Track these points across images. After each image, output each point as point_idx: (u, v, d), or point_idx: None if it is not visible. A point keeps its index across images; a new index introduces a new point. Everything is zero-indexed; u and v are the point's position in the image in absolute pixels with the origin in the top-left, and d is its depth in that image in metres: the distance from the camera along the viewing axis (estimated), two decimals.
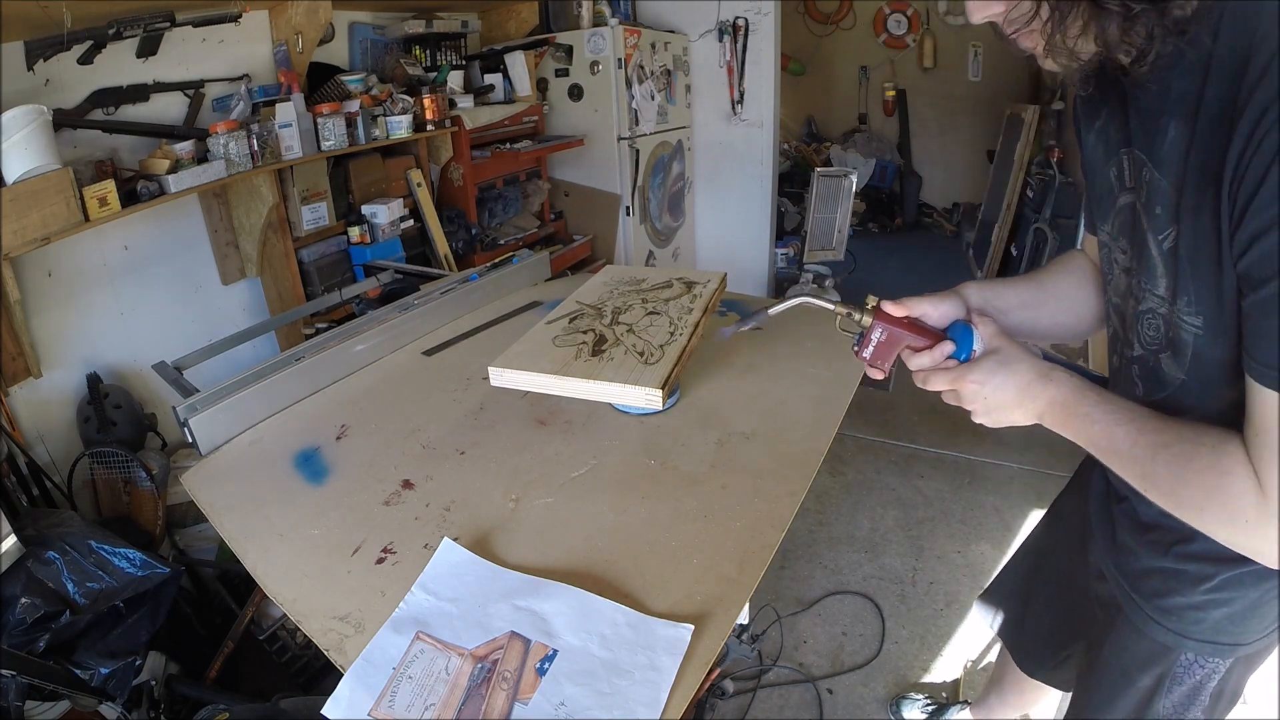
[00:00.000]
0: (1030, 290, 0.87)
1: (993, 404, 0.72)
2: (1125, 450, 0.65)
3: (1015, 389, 0.71)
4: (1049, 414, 0.71)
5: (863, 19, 5.85)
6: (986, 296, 0.82)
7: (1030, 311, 0.86)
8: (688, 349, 1.13)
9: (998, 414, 0.73)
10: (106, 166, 1.72)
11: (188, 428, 1.17)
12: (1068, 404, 0.69)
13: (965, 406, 0.74)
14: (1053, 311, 0.87)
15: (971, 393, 0.73)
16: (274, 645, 1.70)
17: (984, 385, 0.72)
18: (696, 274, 1.42)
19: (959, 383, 0.73)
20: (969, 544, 2.30)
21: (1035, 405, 0.71)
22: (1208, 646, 0.78)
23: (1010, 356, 0.72)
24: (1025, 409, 0.72)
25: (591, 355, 1.12)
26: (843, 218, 3.72)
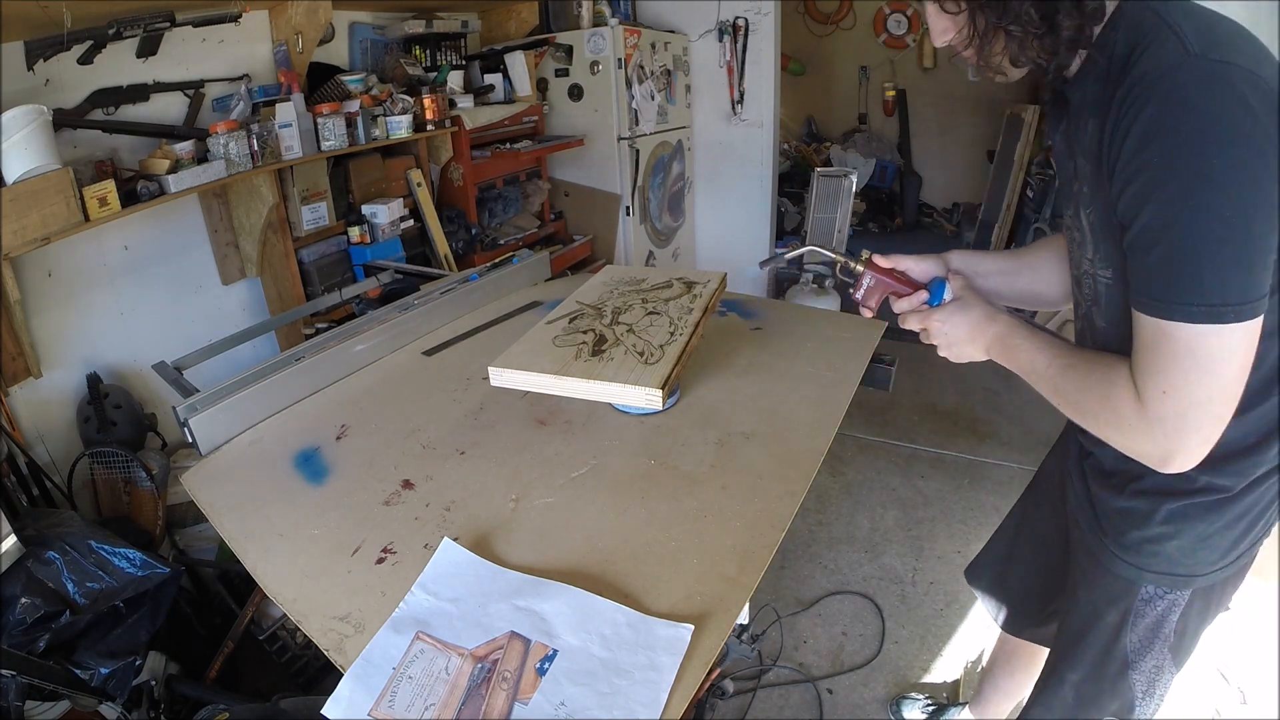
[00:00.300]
0: (1009, 261, 1.05)
1: (951, 339, 0.91)
2: (1043, 371, 0.81)
3: (968, 326, 0.90)
4: (994, 347, 0.88)
5: (863, 19, 5.84)
6: (968, 261, 1.02)
7: (1006, 278, 1.03)
8: (688, 349, 1.13)
9: (955, 348, 0.92)
10: (106, 166, 1.72)
11: (188, 428, 1.17)
12: (1005, 338, 0.86)
13: (931, 341, 0.94)
14: (1028, 280, 1.03)
15: (936, 329, 0.92)
16: (274, 645, 1.70)
17: (944, 323, 0.91)
18: (696, 274, 1.42)
19: (927, 321, 0.93)
20: (969, 544, 2.30)
21: (983, 340, 0.89)
22: (1164, 578, 0.87)
23: (968, 303, 0.91)
24: (975, 343, 0.90)
25: (592, 355, 1.12)
26: (843, 218, 3.71)
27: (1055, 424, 1.08)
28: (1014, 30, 0.71)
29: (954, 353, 0.92)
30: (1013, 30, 0.71)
